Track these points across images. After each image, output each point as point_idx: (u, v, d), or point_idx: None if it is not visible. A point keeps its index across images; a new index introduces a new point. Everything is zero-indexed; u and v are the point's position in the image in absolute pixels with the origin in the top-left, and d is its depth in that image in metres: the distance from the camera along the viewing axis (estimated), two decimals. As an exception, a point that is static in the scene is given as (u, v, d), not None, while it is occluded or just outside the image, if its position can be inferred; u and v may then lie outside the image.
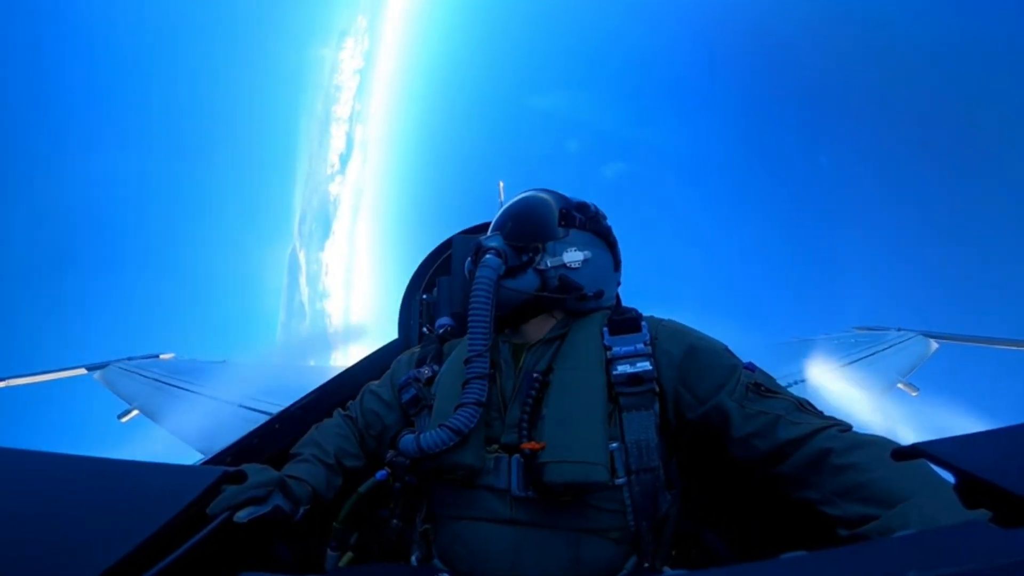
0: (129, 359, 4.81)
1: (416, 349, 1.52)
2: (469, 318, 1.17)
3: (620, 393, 1.12)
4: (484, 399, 1.11)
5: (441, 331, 1.58)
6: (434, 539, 1.18)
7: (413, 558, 1.19)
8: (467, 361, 1.16)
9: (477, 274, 1.19)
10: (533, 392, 1.14)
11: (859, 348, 4.48)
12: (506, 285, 1.24)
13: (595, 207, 1.41)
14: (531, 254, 1.29)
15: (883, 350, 4.48)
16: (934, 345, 4.74)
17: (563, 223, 1.32)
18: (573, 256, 1.29)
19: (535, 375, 1.17)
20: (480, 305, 1.16)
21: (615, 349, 1.18)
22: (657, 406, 1.14)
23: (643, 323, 1.23)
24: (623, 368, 1.14)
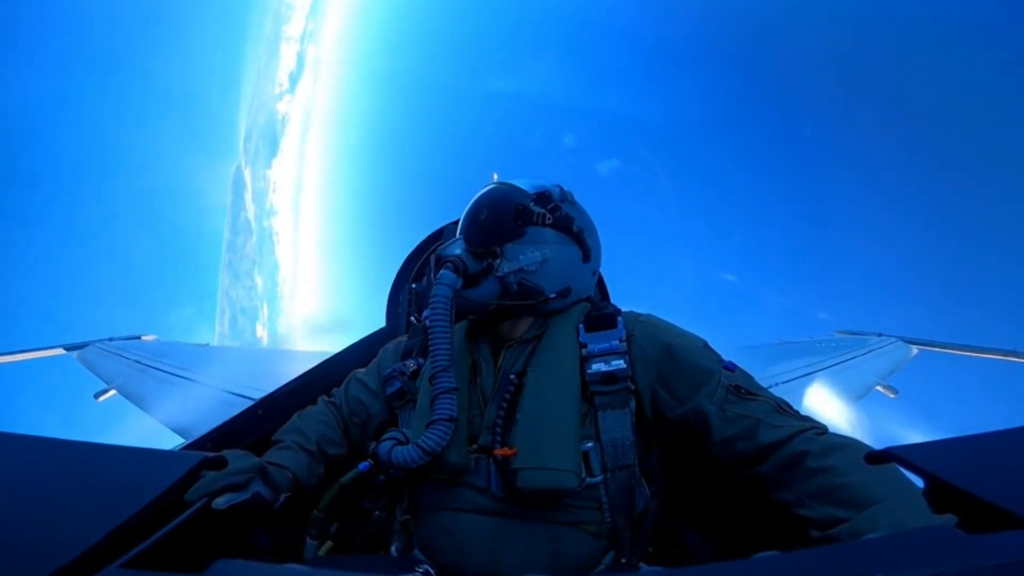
0: (110, 340, 4.74)
1: (403, 339, 1.51)
2: (429, 336, 1.14)
3: (595, 392, 1.13)
4: (455, 414, 1.09)
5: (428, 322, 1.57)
6: (415, 530, 1.18)
7: (393, 548, 1.19)
8: (432, 378, 1.12)
9: (432, 292, 1.16)
10: (507, 395, 1.14)
11: (840, 351, 4.55)
12: (467, 296, 1.21)
13: (560, 191, 1.33)
14: (490, 259, 1.24)
15: (864, 354, 4.56)
16: (913, 351, 4.83)
17: (520, 222, 1.25)
18: (530, 258, 1.23)
19: (511, 376, 1.17)
20: (438, 325, 1.13)
21: (590, 347, 1.17)
22: (633, 403, 1.14)
23: (619, 319, 1.22)
24: (598, 366, 1.14)
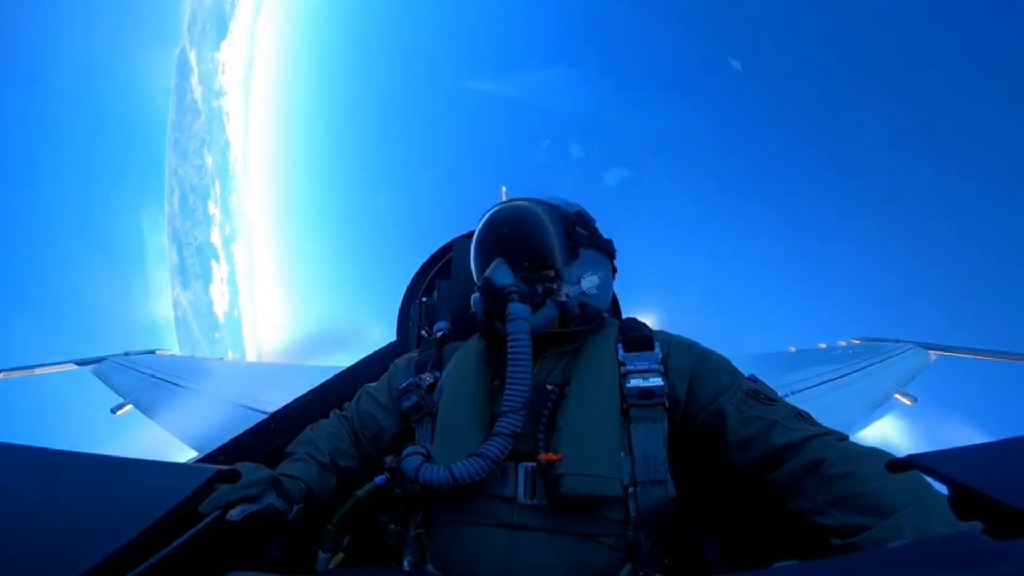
0: (126, 354, 4.81)
1: (415, 354, 1.51)
2: (508, 375, 1.09)
3: (631, 405, 1.13)
4: (500, 456, 1.04)
5: (439, 334, 1.57)
6: (428, 543, 1.17)
7: (405, 562, 1.18)
8: (500, 415, 1.08)
9: (512, 330, 1.10)
10: (549, 404, 1.14)
11: (858, 359, 4.48)
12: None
13: (584, 210, 1.39)
14: (545, 283, 1.24)
15: (881, 361, 4.48)
16: (932, 356, 4.74)
17: (572, 243, 1.27)
18: (590, 282, 1.27)
19: (549, 387, 1.17)
20: (520, 364, 1.08)
21: (629, 365, 1.19)
22: (666, 421, 1.15)
23: (656, 343, 1.24)
24: (636, 382, 1.15)
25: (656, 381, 1.14)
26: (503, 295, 1.16)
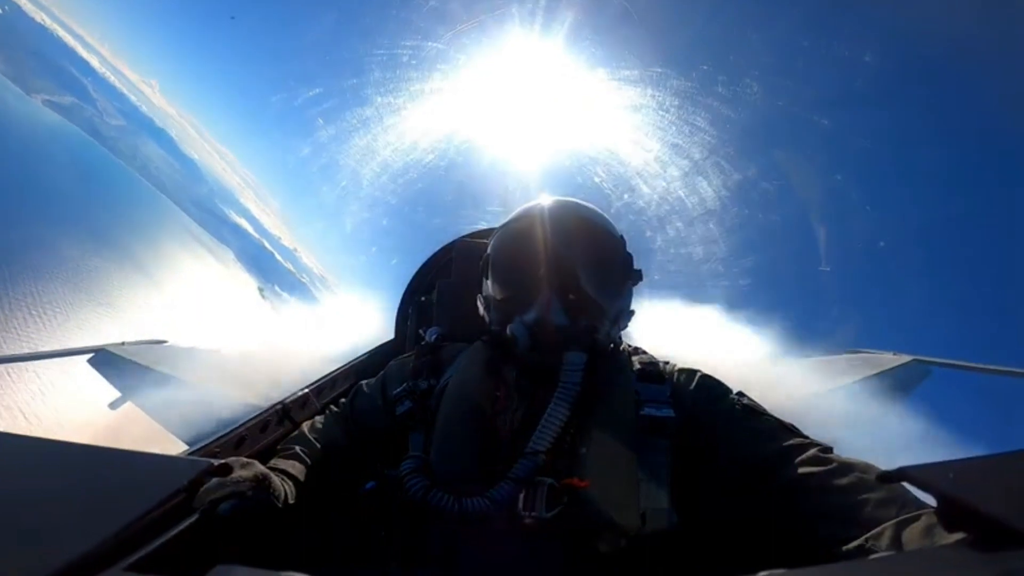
0: (123, 344, 4.78)
1: (409, 358, 1.48)
2: (545, 418, 1.10)
3: (642, 432, 1.15)
4: (506, 499, 1.05)
5: (434, 338, 1.54)
6: (419, 544, 1.17)
7: (395, 562, 1.18)
8: (520, 454, 1.09)
9: (567, 380, 1.12)
10: (571, 430, 1.14)
11: (851, 370, 4.48)
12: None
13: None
14: (590, 320, 1.21)
15: (876, 373, 4.48)
16: (927, 370, 4.74)
17: (624, 281, 1.31)
18: (626, 320, 1.31)
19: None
20: (560, 411, 1.10)
21: (643, 394, 1.21)
22: (671, 451, 1.16)
23: (667, 377, 1.26)
24: (649, 411, 1.17)
25: (667, 412, 1.16)
26: (564, 342, 1.15)
